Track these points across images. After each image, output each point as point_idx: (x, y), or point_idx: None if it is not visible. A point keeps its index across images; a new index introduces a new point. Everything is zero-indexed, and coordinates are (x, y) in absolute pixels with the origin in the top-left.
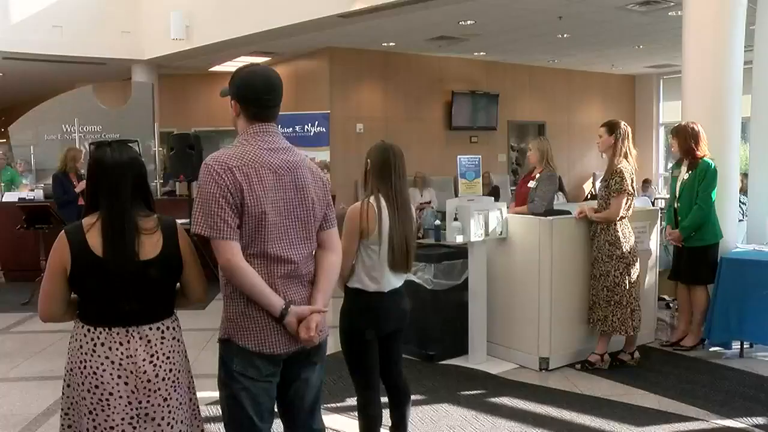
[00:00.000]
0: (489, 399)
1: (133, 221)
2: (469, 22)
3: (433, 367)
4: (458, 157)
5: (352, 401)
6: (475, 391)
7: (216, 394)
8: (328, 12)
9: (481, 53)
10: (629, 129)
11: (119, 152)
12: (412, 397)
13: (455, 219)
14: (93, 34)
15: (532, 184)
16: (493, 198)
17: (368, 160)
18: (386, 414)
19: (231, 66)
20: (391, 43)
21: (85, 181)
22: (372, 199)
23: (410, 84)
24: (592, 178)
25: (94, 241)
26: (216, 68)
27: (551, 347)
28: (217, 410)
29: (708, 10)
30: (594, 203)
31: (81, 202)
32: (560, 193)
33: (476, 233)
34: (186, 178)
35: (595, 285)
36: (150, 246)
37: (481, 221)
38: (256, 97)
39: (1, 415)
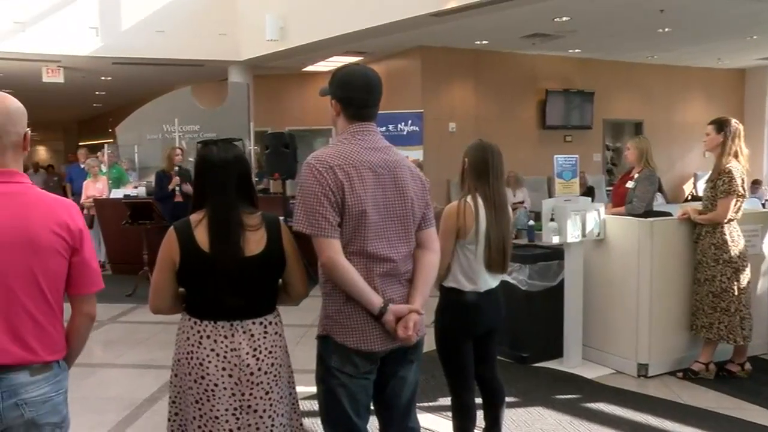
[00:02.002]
0: (584, 404)
1: (238, 218)
2: (564, 18)
3: (526, 370)
4: (555, 156)
5: (445, 401)
6: (569, 395)
7: (309, 389)
8: (421, 11)
9: (576, 50)
10: (740, 127)
11: (225, 150)
12: (505, 398)
13: (551, 219)
14: (192, 38)
15: (630, 184)
16: (590, 198)
17: (465, 159)
18: (480, 415)
19: (324, 66)
20: (483, 42)
21: (177, 178)
22: (469, 198)
23: (503, 82)
24: (693, 178)
25: (202, 237)
26: (309, 68)
27: (650, 353)
28: (311, 405)
29: None
30: (696, 204)
31: (177, 198)
32: (659, 194)
33: (573, 234)
34: (281, 176)
35: (699, 290)
36: (254, 243)
37: (578, 222)
38: (356, 96)
39: (111, 398)
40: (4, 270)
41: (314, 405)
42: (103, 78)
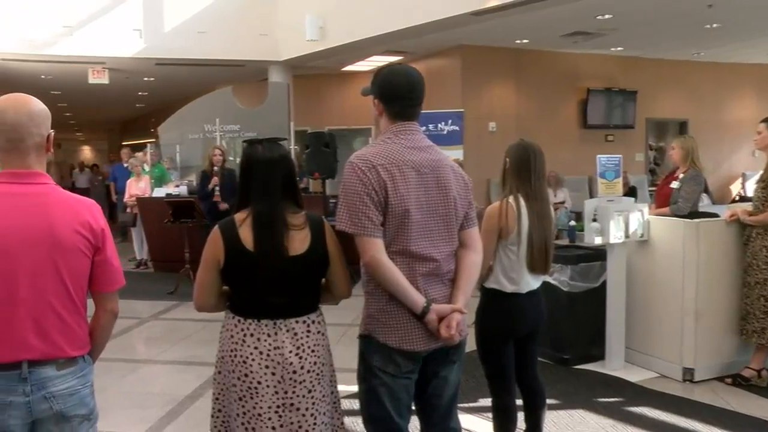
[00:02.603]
0: (627, 408)
1: (282, 217)
2: (606, 16)
3: (567, 371)
4: (597, 156)
5: (485, 402)
6: (612, 399)
7: (350, 388)
8: (461, 10)
9: (618, 48)
10: None
11: (270, 150)
12: (546, 401)
13: (594, 220)
14: (233, 38)
15: (675, 184)
16: (633, 199)
17: (507, 159)
18: (521, 417)
19: (363, 65)
20: (524, 40)
21: (215, 178)
22: (511, 198)
23: (543, 81)
24: (741, 178)
25: (246, 235)
26: (349, 68)
27: (696, 357)
28: (350, 404)
29: None
30: (746, 205)
31: (216, 198)
32: (705, 194)
33: (616, 235)
34: (321, 175)
35: (749, 294)
36: (299, 242)
37: (621, 223)
38: (399, 95)
39: (155, 394)
40: (31, 269)
41: (354, 404)
42: (146, 79)
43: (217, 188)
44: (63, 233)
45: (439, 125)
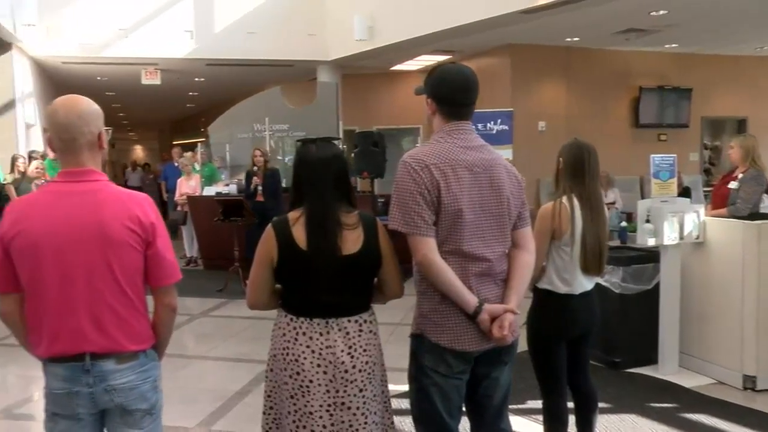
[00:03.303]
0: (683, 414)
1: (336, 216)
2: (661, 12)
3: (618, 375)
4: (651, 156)
5: (534, 404)
6: (666, 404)
7: (399, 387)
8: (511, 9)
9: (673, 45)
10: None
11: (323, 149)
12: (598, 404)
13: (647, 221)
14: (282, 39)
15: (733, 185)
16: (688, 199)
17: (560, 159)
18: (572, 420)
19: (412, 65)
20: (574, 39)
21: (256, 178)
22: (564, 199)
23: (594, 80)
24: None
25: (299, 234)
26: (397, 67)
27: (759, 365)
28: (398, 403)
29: None
30: None
31: (258, 198)
32: (767, 195)
33: (670, 236)
34: (369, 175)
35: None
36: (352, 241)
37: (676, 224)
38: (453, 95)
39: (206, 390)
40: (85, 266)
41: (403, 403)
42: (196, 79)
43: (260, 188)
44: (112, 228)
45: (489, 125)
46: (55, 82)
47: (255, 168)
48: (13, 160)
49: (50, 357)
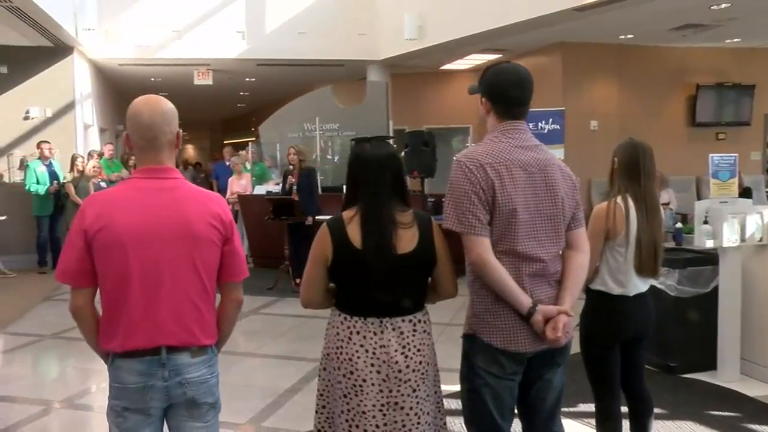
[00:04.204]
0: (745, 424)
1: (390, 215)
2: (722, 5)
3: (673, 380)
4: (710, 155)
5: (586, 407)
6: (726, 413)
7: (449, 387)
8: (563, 6)
9: (735, 40)
10: None
11: (378, 148)
12: (654, 409)
13: (705, 222)
14: (332, 39)
15: None
16: (750, 200)
17: (615, 159)
18: (626, 425)
19: (462, 64)
20: (628, 36)
21: (290, 177)
22: (619, 199)
23: (648, 78)
24: None
25: (354, 233)
26: (447, 66)
27: None
28: (449, 403)
29: None
30: None
31: (293, 196)
32: None
33: (730, 238)
34: (420, 174)
35: None
36: (406, 240)
37: (736, 225)
38: (507, 94)
39: (256, 387)
40: (171, 261)
41: (453, 404)
42: (247, 79)
43: (295, 187)
44: (198, 225)
45: (540, 124)
46: (111, 83)
47: (290, 167)
48: (73, 159)
49: (125, 351)
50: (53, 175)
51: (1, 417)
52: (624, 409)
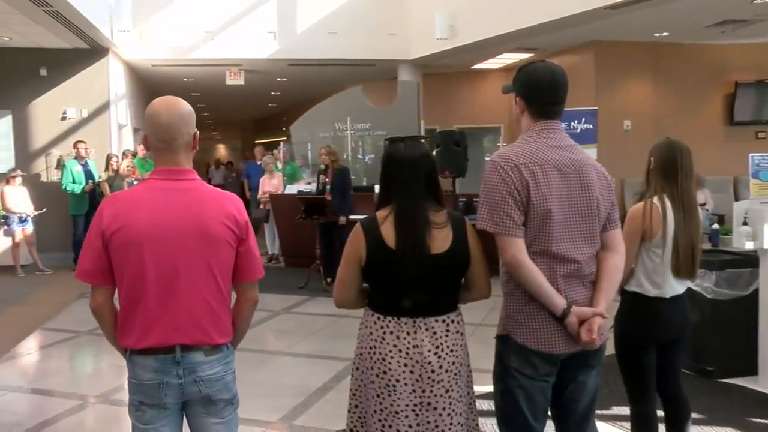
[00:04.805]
0: None
1: (425, 215)
2: None
3: (711, 385)
4: (750, 155)
5: (619, 410)
6: None
7: (480, 388)
8: (596, 4)
9: None
10: None
11: (412, 148)
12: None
13: (744, 223)
14: (363, 38)
15: None
16: None
17: (651, 158)
18: (662, 429)
19: (493, 63)
20: (663, 33)
21: (322, 176)
22: (656, 199)
23: (684, 76)
24: None
25: (388, 233)
26: (478, 66)
27: None
28: (480, 404)
29: None
30: None
31: (327, 196)
32: None
33: None
34: (451, 174)
35: None
36: (440, 240)
37: None
38: (542, 94)
39: (287, 385)
40: (185, 260)
41: (485, 404)
42: (278, 79)
43: (328, 186)
44: (212, 226)
45: (572, 124)
46: (145, 84)
47: (322, 166)
48: (108, 159)
49: (141, 349)
50: (89, 175)
51: (40, 410)
52: (660, 413)
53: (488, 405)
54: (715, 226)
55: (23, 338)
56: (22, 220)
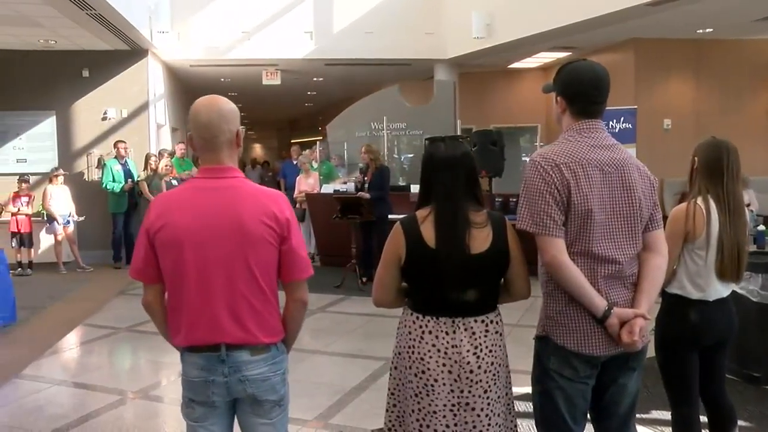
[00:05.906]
0: None
1: (464, 215)
2: None
3: (758, 391)
4: None
5: (658, 414)
6: None
7: (517, 389)
8: (636, 1)
9: None
10: None
11: (452, 147)
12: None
13: None
14: (399, 38)
15: None
16: None
17: (695, 158)
18: None
19: (530, 62)
20: (707, 30)
21: (360, 175)
22: (699, 200)
23: (727, 73)
24: None
25: (428, 233)
26: (515, 65)
27: None
28: (517, 405)
29: None
30: None
31: (366, 195)
32: None
33: None
34: (488, 173)
35: None
36: (480, 240)
37: None
38: (583, 93)
39: (324, 384)
40: (224, 259)
41: (522, 405)
42: (315, 79)
43: (367, 185)
44: (250, 225)
45: (611, 123)
46: (183, 84)
47: (360, 165)
48: (147, 158)
49: (188, 346)
50: (128, 174)
51: (82, 403)
52: (703, 418)
53: (526, 406)
54: (761, 227)
55: (66, 333)
56: (64, 220)
